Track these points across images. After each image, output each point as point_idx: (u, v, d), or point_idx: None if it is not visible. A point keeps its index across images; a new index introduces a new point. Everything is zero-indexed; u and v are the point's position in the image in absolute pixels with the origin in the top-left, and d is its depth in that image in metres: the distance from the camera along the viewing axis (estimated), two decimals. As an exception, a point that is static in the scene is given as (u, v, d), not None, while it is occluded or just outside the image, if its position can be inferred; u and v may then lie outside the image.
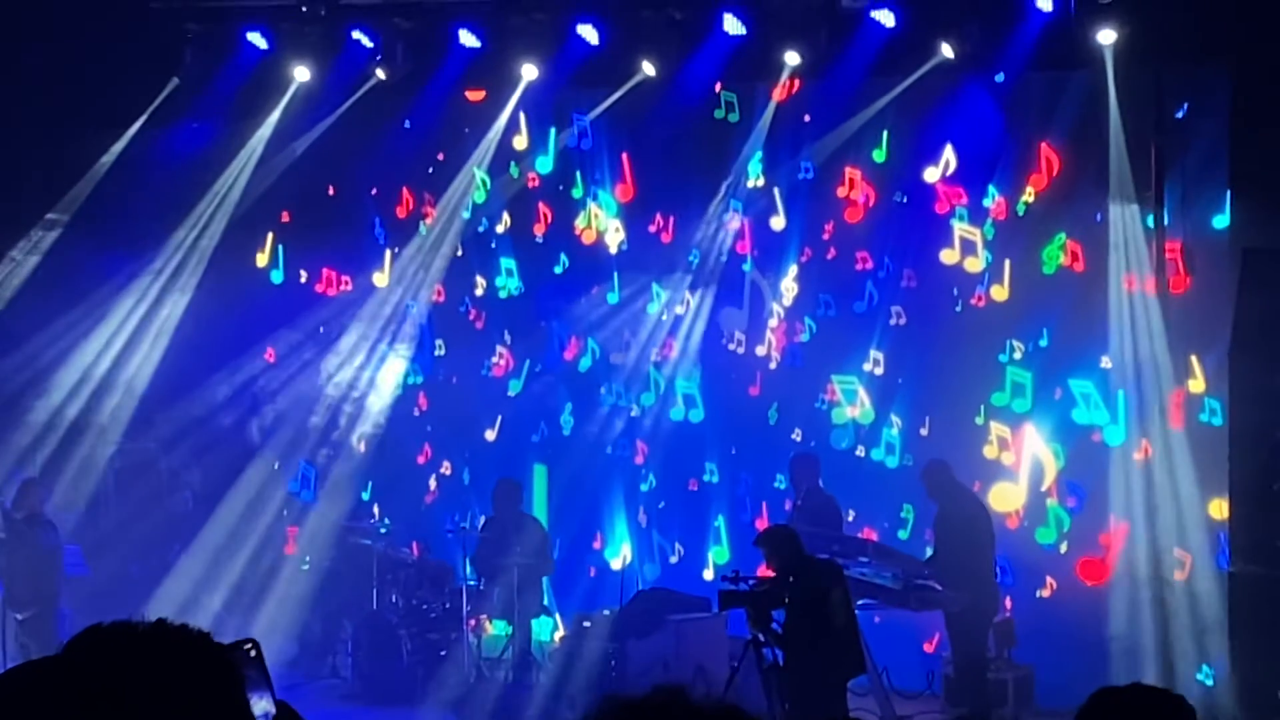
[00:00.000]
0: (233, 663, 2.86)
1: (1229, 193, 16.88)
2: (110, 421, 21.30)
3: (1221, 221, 17.14)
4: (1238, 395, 15.98)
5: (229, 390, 21.77)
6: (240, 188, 21.40)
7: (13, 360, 20.89)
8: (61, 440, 20.87)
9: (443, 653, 18.22)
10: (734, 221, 19.93)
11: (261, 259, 22.33)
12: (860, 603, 15.35)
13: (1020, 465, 18.20)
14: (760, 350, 19.87)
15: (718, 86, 19.65)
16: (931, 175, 18.73)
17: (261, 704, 2.88)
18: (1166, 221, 17.41)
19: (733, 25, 18.30)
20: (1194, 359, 17.32)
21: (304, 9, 19.67)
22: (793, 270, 19.62)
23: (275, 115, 20.93)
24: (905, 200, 19.03)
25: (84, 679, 2.71)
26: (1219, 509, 16.66)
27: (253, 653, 3.58)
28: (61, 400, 21.13)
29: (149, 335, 21.40)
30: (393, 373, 22.01)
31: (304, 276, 22.31)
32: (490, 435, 21.49)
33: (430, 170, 21.39)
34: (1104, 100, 17.45)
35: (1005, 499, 18.03)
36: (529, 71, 19.56)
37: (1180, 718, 4.93)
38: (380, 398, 21.93)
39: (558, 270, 21.02)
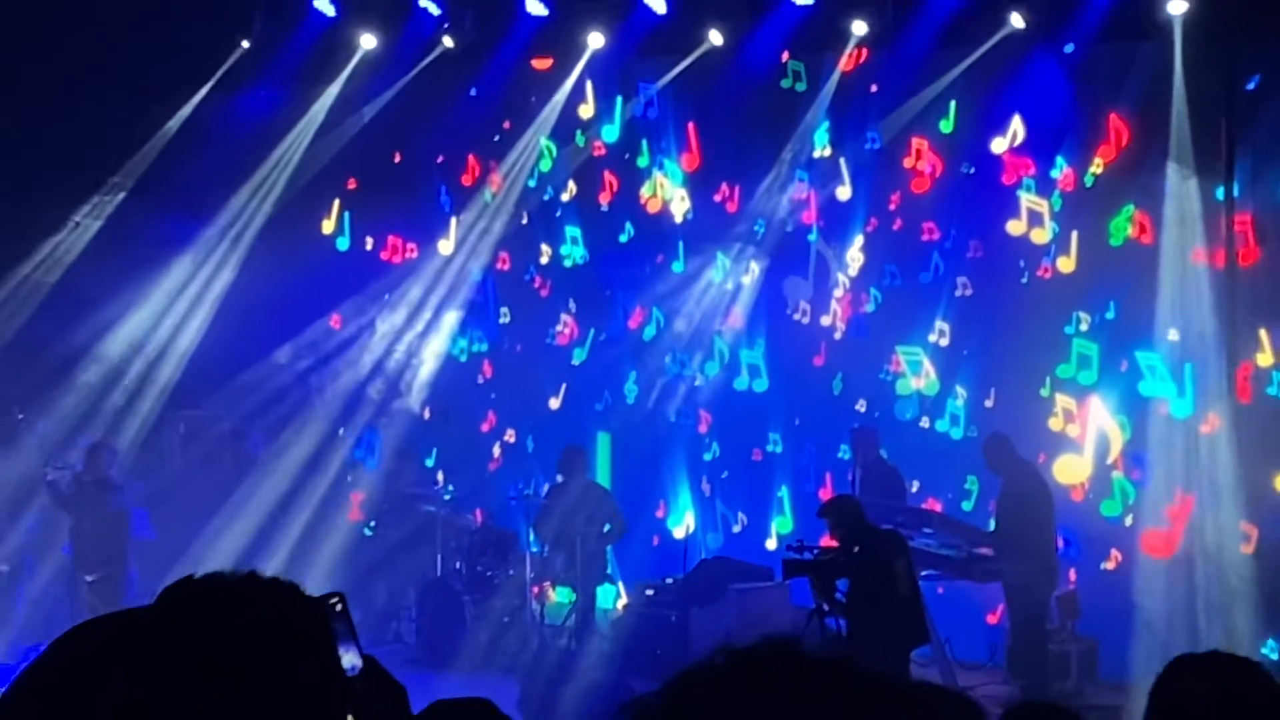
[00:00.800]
0: (324, 614, 2.86)
1: (1300, 165, 16.79)
2: (174, 386, 21.47)
3: (1292, 194, 17.04)
4: (1307, 368, 15.91)
5: (294, 356, 21.98)
6: (306, 154, 21.59)
7: (76, 325, 21.07)
8: (126, 405, 21.05)
9: (506, 619, 18.25)
10: (800, 191, 19.90)
11: (327, 226, 22.55)
12: (923, 573, 15.36)
13: (1085, 437, 18.11)
14: (825, 320, 19.86)
15: (785, 56, 19.66)
16: (999, 146, 18.65)
17: (349, 657, 2.86)
18: (1236, 194, 17.28)
19: (800, -6, 18.32)
20: (1263, 332, 17.23)
21: (372, -25, 19.83)
22: (858, 240, 19.58)
23: (341, 82, 21.12)
24: (972, 171, 18.96)
25: (180, 628, 2.73)
26: (1287, 482, 16.60)
27: (338, 606, 3.51)
28: (125, 365, 21.39)
29: (213, 301, 21.61)
30: (457, 340, 22.18)
31: (370, 243, 22.51)
32: (554, 403, 21.62)
33: (496, 138, 21.50)
34: (1172, 72, 17.39)
35: (1070, 471, 17.96)
36: (595, 40, 19.66)
37: (1258, 684, 4.91)
38: (444, 365, 22.06)
39: (623, 239, 21.11)
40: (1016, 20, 17.67)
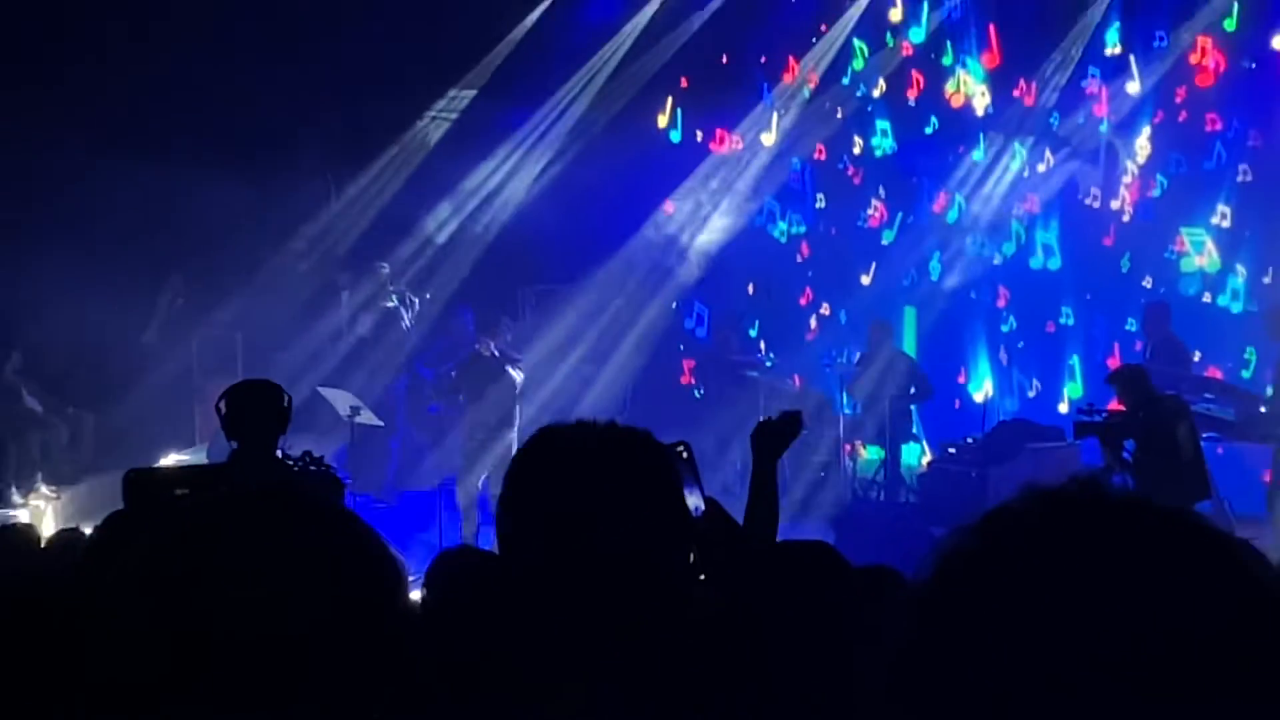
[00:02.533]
0: (672, 459, 3.01)
1: None
2: (525, 263, 22.28)
3: None
4: None
5: (633, 238, 22.71)
6: (642, 57, 22.42)
7: (435, 204, 22.24)
8: (481, 278, 21.70)
9: (822, 474, 18.77)
10: (1092, 86, 20.11)
11: (662, 120, 23.38)
12: (1205, 435, 15.11)
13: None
14: (1114, 204, 19.92)
15: (1076, -41, 19.72)
16: (1280, 42, 18.59)
17: (693, 499, 2.98)
18: None
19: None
20: None
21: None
22: (1146, 131, 19.58)
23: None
24: (1254, 66, 18.77)
25: (542, 465, 2.95)
26: None
27: (684, 454, 3.94)
28: (478, 241, 22.48)
29: (561, 188, 22.31)
30: (778, 223, 22.84)
31: (699, 136, 23.22)
32: (865, 280, 22.20)
33: (814, 41, 22.23)
34: None
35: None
36: (904, -53, 19.89)
37: None
38: (766, 246, 22.74)
39: (928, 131, 21.52)
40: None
